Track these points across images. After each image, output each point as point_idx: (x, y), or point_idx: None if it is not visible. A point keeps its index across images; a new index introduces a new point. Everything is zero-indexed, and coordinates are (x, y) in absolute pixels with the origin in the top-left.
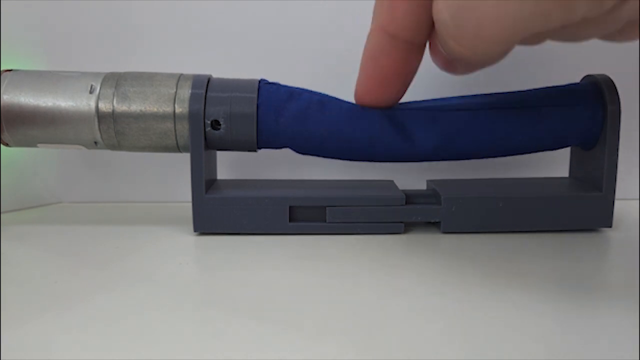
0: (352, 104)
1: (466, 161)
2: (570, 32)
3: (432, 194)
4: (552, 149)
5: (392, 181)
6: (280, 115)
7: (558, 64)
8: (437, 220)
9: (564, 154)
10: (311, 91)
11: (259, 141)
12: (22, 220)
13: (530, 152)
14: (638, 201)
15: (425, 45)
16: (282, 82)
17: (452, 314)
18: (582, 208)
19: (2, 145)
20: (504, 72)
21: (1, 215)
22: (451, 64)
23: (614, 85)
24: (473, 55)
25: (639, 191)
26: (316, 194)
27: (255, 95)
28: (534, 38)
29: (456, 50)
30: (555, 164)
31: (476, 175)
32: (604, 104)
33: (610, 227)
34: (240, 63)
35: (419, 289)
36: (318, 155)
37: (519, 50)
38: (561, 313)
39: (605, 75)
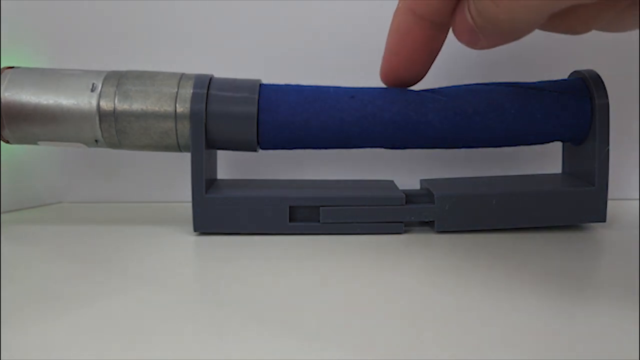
0: (355, 90)
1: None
2: (593, 14)
3: (426, 193)
4: (543, 136)
5: (392, 181)
6: (280, 114)
7: (557, 64)
8: (431, 220)
9: (556, 150)
10: (312, 86)
11: (259, 141)
12: (22, 220)
13: (522, 139)
14: (638, 201)
15: (449, 25)
16: (283, 81)
17: (450, 314)
18: (575, 203)
19: (2, 145)
20: (499, 71)
21: (1, 215)
22: (473, 34)
23: (601, 79)
24: (508, 17)
25: (639, 191)
26: (316, 194)
27: (256, 95)
28: (566, 20)
29: (491, 11)
30: (547, 160)
31: (469, 174)
32: (592, 99)
33: (604, 221)
34: (241, 63)
35: (417, 289)
36: (320, 148)
37: (517, 51)
38: (559, 311)
39: (592, 70)
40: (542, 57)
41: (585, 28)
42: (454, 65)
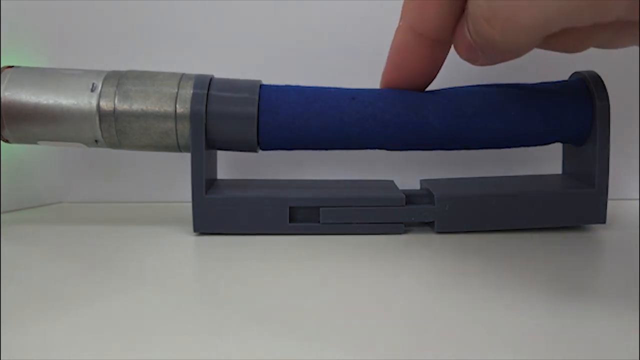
0: (356, 91)
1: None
2: (587, 35)
3: (426, 194)
4: (543, 137)
5: (392, 181)
6: (280, 115)
7: (557, 65)
8: (431, 220)
9: (556, 151)
10: (312, 87)
11: (259, 142)
12: (22, 220)
13: (523, 140)
14: (638, 201)
15: (450, 42)
16: (283, 81)
17: (450, 315)
18: (575, 204)
19: (2, 145)
20: (499, 72)
21: (1, 215)
22: (473, 51)
23: (602, 80)
24: (502, 39)
25: (639, 191)
26: (316, 195)
27: (256, 96)
28: (562, 40)
29: (487, 32)
30: (547, 161)
31: (469, 174)
32: (592, 100)
33: (604, 223)
34: (241, 63)
35: (417, 289)
36: (321, 149)
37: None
38: (559, 312)
39: (593, 72)
40: (543, 57)
41: (580, 47)
42: (454, 66)
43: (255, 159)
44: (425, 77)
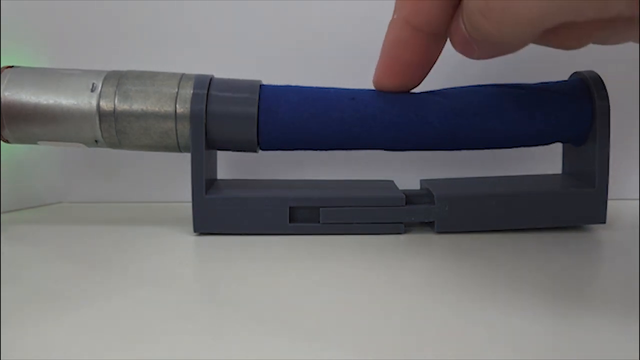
0: (356, 91)
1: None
2: (586, 32)
3: (426, 194)
4: (543, 137)
5: (392, 181)
6: (280, 115)
7: (557, 65)
8: (431, 220)
9: (556, 151)
10: (312, 87)
11: (259, 142)
12: (22, 220)
13: (522, 140)
14: (638, 201)
15: (446, 36)
16: (283, 82)
17: (450, 315)
18: (575, 204)
19: (2, 145)
20: (499, 72)
21: (1, 215)
22: (469, 45)
23: (602, 80)
24: (498, 33)
25: (639, 191)
26: (316, 195)
27: (256, 96)
28: (559, 36)
29: (482, 26)
30: (547, 161)
31: (470, 174)
32: (592, 100)
33: (604, 222)
34: (241, 63)
35: (417, 289)
36: (321, 149)
37: (517, 52)
38: (559, 312)
39: (593, 72)
40: (543, 57)
41: (578, 44)
42: (454, 66)
43: (255, 159)
44: (420, 71)
